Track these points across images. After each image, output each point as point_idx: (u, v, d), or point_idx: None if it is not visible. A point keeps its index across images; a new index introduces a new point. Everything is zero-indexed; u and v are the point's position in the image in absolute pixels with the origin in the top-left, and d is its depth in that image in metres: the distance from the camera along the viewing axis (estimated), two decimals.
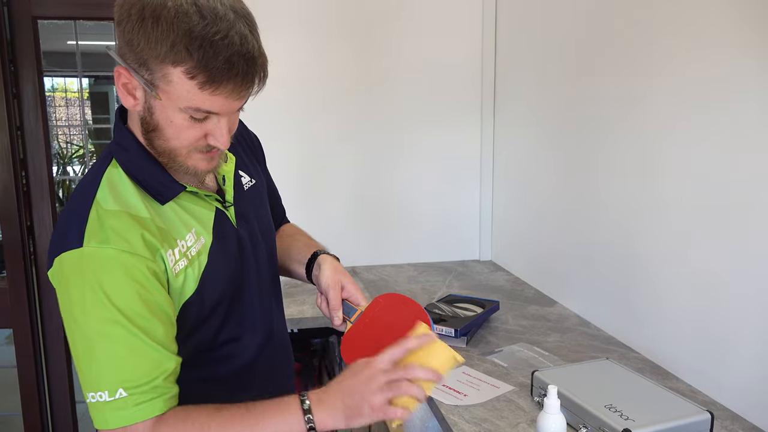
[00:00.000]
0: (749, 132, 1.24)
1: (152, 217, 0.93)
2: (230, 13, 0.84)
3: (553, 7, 2.00)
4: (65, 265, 0.88)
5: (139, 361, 0.88)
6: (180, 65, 0.83)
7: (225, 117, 0.90)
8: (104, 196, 0.91)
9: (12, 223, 2.33)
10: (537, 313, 1.93)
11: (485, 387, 1.42)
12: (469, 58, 2.46)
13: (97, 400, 0.87)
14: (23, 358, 2.44)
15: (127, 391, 0.86)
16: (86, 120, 5.49)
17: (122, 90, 0.89)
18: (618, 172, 1.67)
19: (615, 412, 1.16)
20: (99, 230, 0.88)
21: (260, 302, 1.11)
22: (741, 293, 1.29)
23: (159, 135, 0.91)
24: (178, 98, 0.85)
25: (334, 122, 2.42)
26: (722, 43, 1.30)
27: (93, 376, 0.87)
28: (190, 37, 0.81)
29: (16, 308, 2.38)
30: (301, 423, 0.90)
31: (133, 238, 0.89)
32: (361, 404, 0.90)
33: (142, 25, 0.82)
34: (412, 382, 0.91)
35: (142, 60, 0.84)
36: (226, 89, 0.85)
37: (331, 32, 2.36)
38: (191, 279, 0.96)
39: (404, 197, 2.52)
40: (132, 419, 0.87)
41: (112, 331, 0.86)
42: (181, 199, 0.98)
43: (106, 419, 0.87)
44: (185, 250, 0.96)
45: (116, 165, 0.96)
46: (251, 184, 1.14)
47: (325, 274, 1.14)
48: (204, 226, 1.00)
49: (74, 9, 2.31)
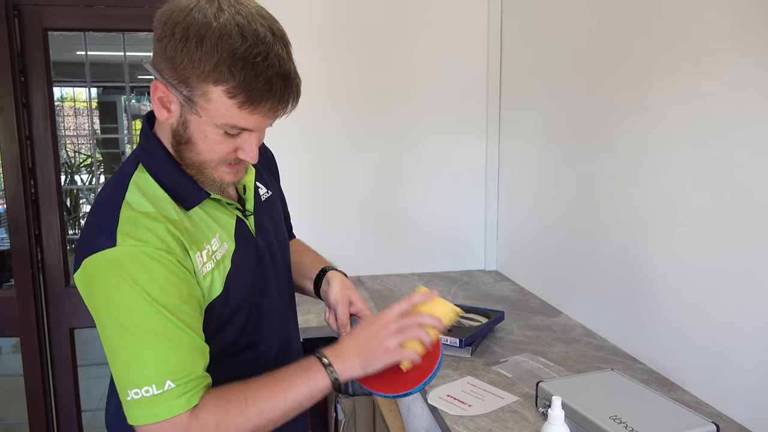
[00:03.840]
0: (754, 139, 1.24)
1: (181, 219, 0.95)
2: (269, 35, 0.86)
3: (557, 21, 2.01)
4: (100, 264, 0.88)
5: (183, 353, 0.89)
6: (221, 84, 0.85)
7: (256, 133, 0.93)
8: (134, 198, 0.93)
9: (20, 232, 2.35)
10: (542, 323, 1.93)
11: (490, 397, 1.42)
12: (475, 73, 2.48)
13: (143, 396, 0.87)
14: (30, 367, 2.45)
15: (174, 382, 0.88)
16: (94, 129, 5.53)
17: (157, 103, 0.91)
18: (622, 183, 1.68)
19: (620, 424, 1.15)
20: (132, 229, 0.89)
21: (278, 311, 1.13)
22: (748, 305, 1.29)
23: (191, 148, 0.93)
24: (215, 115, 0.88)
25: (342, 135, 2.44)
26: (725, 54, 1.30)
27: (137, 372, 0.88)
28: (233, 58, 0.83)
29: (23, 317, 2.40)
30: (325, 377, 0.96)
31: (166, 237, 0.91)
32: (376, 350, 0.98)
33: (185, 44, 0.84)
34: (420, 327, 1.00)
35: (183, 77, 0.86)
36: (264, 109, 0.88)
37: (340, 48, 2.38)
38: (218, 281, 0.98)
39: (410, 208, 2.53)
40: (179, 409, 0.88)
41: (156, 324, 0.88)
42: (205, 205, 1.01)
43: (155, 413, 0.87)
44: (211, 253, 0.98)
45: (143, 170, 0.98)
46: (268, 196, 1.17)
47: (334, 289, 1.17)
48: (227, 232, 1.02)
49: (84, 21, 2.35)
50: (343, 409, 2.11)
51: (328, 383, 0.96)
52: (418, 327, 1.00)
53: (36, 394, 2.46)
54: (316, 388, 0.96)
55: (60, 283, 2.45)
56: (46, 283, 2.45)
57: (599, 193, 1.80)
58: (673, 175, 1.48)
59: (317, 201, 2.45)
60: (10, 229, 2.37)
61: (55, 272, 2.45)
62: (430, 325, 1.02)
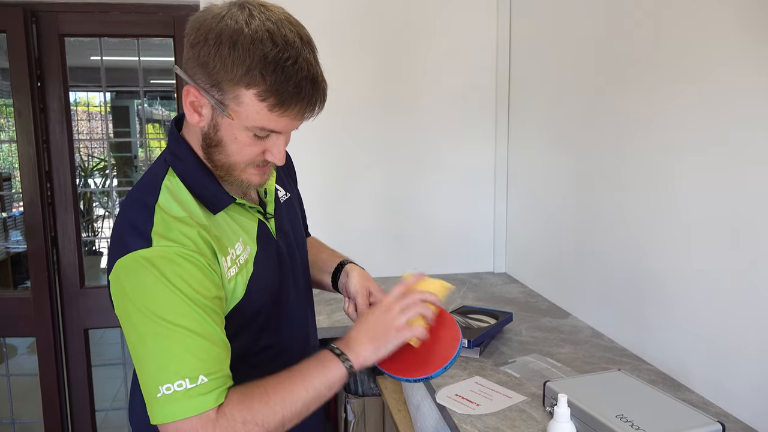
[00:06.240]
0: (761, 144, 1.26)
1: (210, 225, 0.98)
2: (297, 40, 0.90)
3: (565, 27, 2.03)
4: (135, 263, 0.90)
5: (214, 350, 0.92)
6: (253, 88, 0.88)
7: (284, 135, 0.97)
8: (167, 203, 0.96)
9: (37, 234, 2.40)
10: (550, 324, 1.94)
11: (498, 397, 1.44)
12: (484, 77, 2.51)
13: (175, 391, 0.88)
14: (45, 367, 2.49)
15: (207, 377, 0.89)
16: (108, 133, 5.60)
17: (189, 107, 0.94)
18: (630, 185, 1.69)
19: (626, 423, 1.17)
20: (167, 231, 0.92)
21: (297, 312, 1.16)
22: (754, 305, 1.30)
23: (221, 150, 0.96)
24: (246, 118, 0.91)
25: (354, 141, 2.47)
26: (730, 60, 1.32)
27: (171, 366, 0.89)
28: (265, 63, 0.87)
29: (39, 317, 2.44)
30: (340, 366, 0.99)
31: (198, 241, 0.94)
32: (386, 331, 1.02)
33: (218, 49, 0.87)
34: (422, 303, 1.06)
35: (216, 81, 0.89)
36: (293, 111, 0.91)
37: (353, 55, 2.41)
38: (240, 285, 1.01)
39: (419, 210, 2.55)
40: (209, 405, 0.89)
41: (189, 321, 0.90)
42: (230, 210, 1.03)
43: (184, 409, 0.88)
44: (235, 258, 1.01)
45: (173, 174, 1.00)
46: (286, 198, 1.20)
47: (353, 281, 1.20)
48: (250, 236, 1.05)
49: (100, 27, 2.40)
50: (352, 409, 2.13)
51: (344, 371, 0.99)
52: (421, 303, 1.06)
53: (51, 394, 2.50)
54: (333, 378, 0.98)
55: (75, 284, 2.50)
56: (62, 285, 2.49)
57: (607, 197, 1.81)
58: (679, 178, 1.49)
59: (326, 203, 2.48)
60: (26, 231, 2.42)
61: (70, 274, 2.49)
62: (430, 301, 1.08)
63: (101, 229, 7.52)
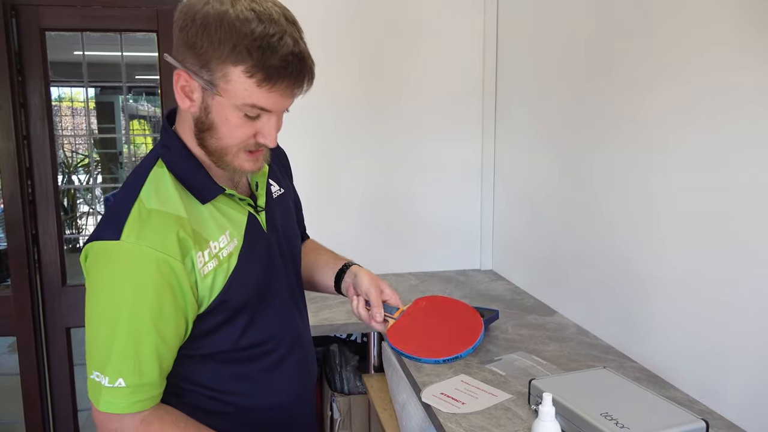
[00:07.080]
0: (746, 141, 1.26)
1: (189, 218, 0.98)
2: (282, 19, 0.92)
3: (552, 24, 2.03)
4: (100, 253, 0.94)
5: (146, 360, 0.94)
6: (240, 64, 0.89)
7: (275, 115, 0.97)
8: (148, 195, 0.97)
9: (17, 232, 2.36)
10: (536, 322, 1.94)
11: (483, 395, 1.43)
12: (471, 73, 2.50)
13: (97, 380, 0.94)
14: (26, 366, 2.45)
15: (126, 382, 0.93)
16: (92, 129, 5.53)
17: (180, 92, 0.95)
18: (617, 183, 1.69)
19: (610, 420, 1.17)
20: (138, 226, 0.93)
21: (285, 308, 1.15)
22: (739, 303, 1.30)
23: (212, 134, 0.97)
24: (235, 96, 0.92)
25: (340, 136, 2.45)
26: (720, 54, 1.32)
27: (101, 358, 0.93)
28: (250, 39, 0.88)
29: (19, 316, 2.41)
30: None
31: (169, 238, 0.94)
32: None
33: (205, 30, 0.90)
34: None
35: (204, 61, 0.91)
36: (281, 87, 0.92)
37: (340, 48, 2.39)
38: (220, 279, 1.00)
39: (406, 207, 2.54)
40: (120, 409, 0.94)
41: (133, 325, 0.93)
42: (218, 201, 1.03)
43: (98, 400, 0.94)
44: (216, 251, 1.00)
45: (162, 165, 1.01)
46: (280, 193, 1.19)
47: (364, 280, 1.20)
48: (237, 229, 1.04)
49: (82, 21, 2.36)
50: (338, 407, 2.12)
51: None
52: None
53: (32, 393, 2.47)
54: None
55: (56, 282, 2.46)
56: (43, 283, 2.45)
57: (594, 194, 1.82)
58: (666, 175, 1.50)
59: (313, 201, 2.46)
60: (7, 228, 2.37)
61: (51, 272, 2.45)
62: None
63: (85, 227, 7.44)
